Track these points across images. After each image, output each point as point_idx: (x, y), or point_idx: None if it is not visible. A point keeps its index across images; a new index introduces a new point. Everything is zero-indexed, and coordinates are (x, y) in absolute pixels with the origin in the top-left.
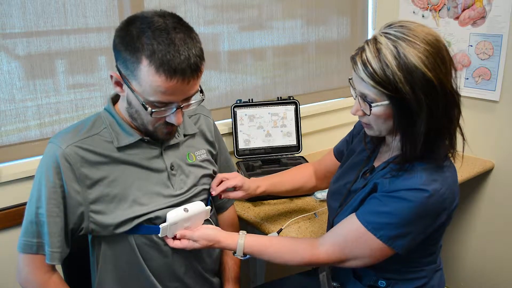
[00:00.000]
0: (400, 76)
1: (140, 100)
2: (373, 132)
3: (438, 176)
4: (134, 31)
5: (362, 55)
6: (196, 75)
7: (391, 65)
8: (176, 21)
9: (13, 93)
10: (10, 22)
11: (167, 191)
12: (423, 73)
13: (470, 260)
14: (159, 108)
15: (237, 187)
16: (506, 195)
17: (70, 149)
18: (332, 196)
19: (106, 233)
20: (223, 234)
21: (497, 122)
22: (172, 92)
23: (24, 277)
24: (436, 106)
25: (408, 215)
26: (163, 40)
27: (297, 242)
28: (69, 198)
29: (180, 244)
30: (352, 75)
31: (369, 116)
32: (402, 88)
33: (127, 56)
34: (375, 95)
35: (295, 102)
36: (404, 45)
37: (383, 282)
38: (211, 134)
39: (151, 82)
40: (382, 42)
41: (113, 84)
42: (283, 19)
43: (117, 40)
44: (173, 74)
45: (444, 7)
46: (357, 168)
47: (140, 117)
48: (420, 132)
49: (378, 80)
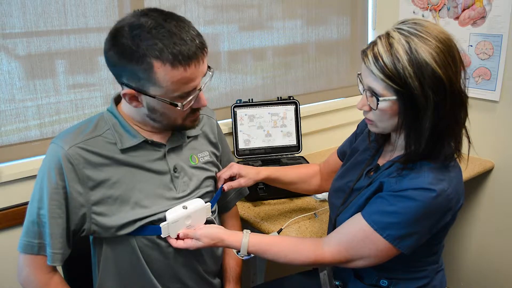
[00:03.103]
0: (410, 71)
1: (167, 101)
2: (376, 130)
3: (444, 176)
4: (129, 41)
5: (374, 48)
6: (205, 52)
7: (402, 59)
8: (160, 13)
9: (13, 93)
10: (10, 22)
11: (170, 194)
12: (433, 70)
13: (470, 260)
14: (186, 99)
15: (236, 175)
16: (506, 195)
17: (72, 150)
18: (334, 193)
19: (108, 235)
20: (226, 232)
21: (497, 122)
22: (193, 78)
23: (25, 277)
24: (443, 105)
25: (415, 215)
26: (163, 35)
27: (302, 242)
28: (71, 200)
29: (184, 244)
30: (361, 69)
31: (375, 112)
32: (411, 83)
33: (134, 67)
34: (383, 89)
35: (295, 102)
36: (417, 41)
37: (385, 282)
38: (214, 136)
39: (171, 79)
40: (395, 37)
41: (128, 101)
42: (283, 19)
43: (114, 58)
44: (189, 61)
45: (444, 7)
46: (361, 167)
47: (167, 117)
48: (425, 129)
49: (387, 73)
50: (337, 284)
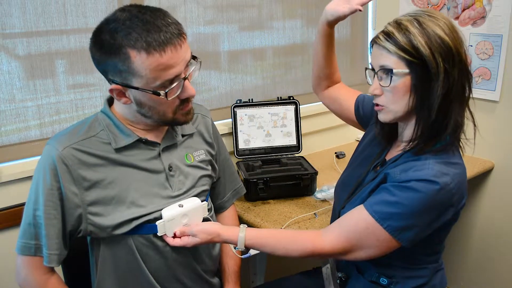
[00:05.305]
0: (421, 40)
1: (150, 91)
2: (387, 117)
3: (448, 170)
4: (107, 35)
5: (384, 30)
6: (182, 37)
7: (413, 32)
8: (137, 6)
9: (13, 93)
10: (10, 22)
11: (165, 192)
12: (442, 38)
13: (470, 260)
14: (169, 88)
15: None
16: (506, 195)
17: (67, 151)
18: (341, 187)
19: (104, 235)
20: (223, 227)
21: (497, 122)
22: (172, 63)
23: (23, 278)
24: (452, 71)
25: (416, 206)
26: (137, 25)
27: (300, 233)
28: (66, 200)
29: (181, 242)
30: (369, 57)
31: (387, 93)
32: (423, 51)
33: (114, 59)
34: (396, 63)
35: (295, 102)
36: (426, 18)
37: (384, 280)
38: (209, 135)
39: (149, 66)
40: (403, 19)
41: (117, 98)
42: (283, 19)
43: (96, 56)
44: (164, 46)
45: (444, 7)
46: (369, 162)
47: (156, 110)
48: (436, 98)
49: (400, 45)
50: (340, 276)
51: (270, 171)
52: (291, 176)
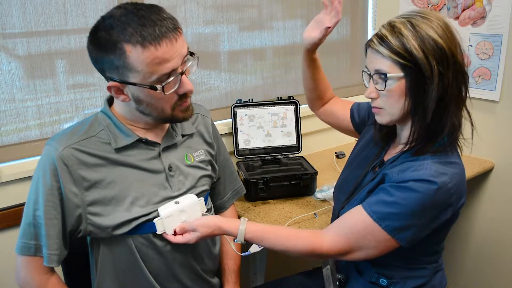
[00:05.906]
0: (414, 44)
1: (147, 85)
2: (384, 119)
3: (446, 170)
4: (103, 32)
5: (378, 33)
6: (178, 31)
7: (406, 35)
8: (132, 3)
9: (13, 93)
10: (10, 22)
11: (165, 193)
12: (435, 41)
13: (470, 260)
14: (166, 82)
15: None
16: (506, 195)
17: (67, 151)
18: (340, 188)
19: (104, 235)
20: (223, 219)
21: (497, 122)
22: (168, 57)
23: (22, 278)
24: (446, 74)
25: (414, 206)
26: (133, 20)
27: (301, 231)
28: (66, 201)
29: (182, 239)
30: (366, 62)
31: (383, 96)
32: (417, 55)
33: (111, 56)
34: (390, 67)
35: (295, 102)
36: (419, 20)
37: (384, 281)
38: (209, 135)
39: (145, 60)
40: (396, 21)
41: (115, 95)
42: (283, 19)
43: (94, 53)
44: (159, 39)
45: (444, 7)
46: (367, 163)
47: (154, 107)
48: (431, 101)
49: (394, 49)
50: (339, 277)
51: (270, 171)
52: (291, 176)
